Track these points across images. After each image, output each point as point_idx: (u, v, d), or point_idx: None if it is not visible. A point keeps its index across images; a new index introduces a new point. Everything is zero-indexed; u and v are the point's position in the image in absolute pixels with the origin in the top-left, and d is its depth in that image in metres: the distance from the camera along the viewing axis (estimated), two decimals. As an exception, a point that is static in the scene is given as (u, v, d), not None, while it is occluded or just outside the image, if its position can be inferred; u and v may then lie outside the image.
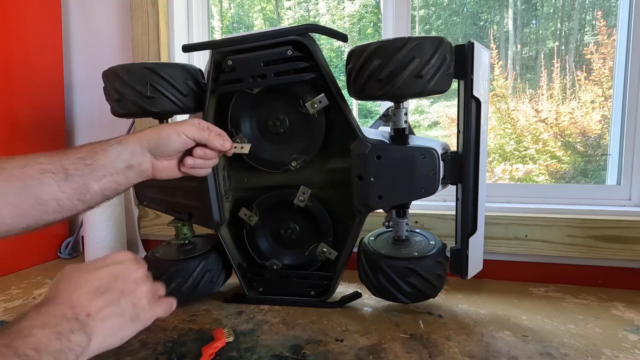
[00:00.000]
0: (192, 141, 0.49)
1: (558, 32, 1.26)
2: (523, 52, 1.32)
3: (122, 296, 0.39)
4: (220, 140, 0.51)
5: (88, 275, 0.38)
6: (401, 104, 0.60)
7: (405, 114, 0.61)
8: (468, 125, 0.58)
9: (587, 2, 1.25)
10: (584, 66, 1.12)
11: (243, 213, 0.69)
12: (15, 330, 0.32)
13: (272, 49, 0.59)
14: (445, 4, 1.48)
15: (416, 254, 0.62)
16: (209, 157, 0.51)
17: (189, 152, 0.50)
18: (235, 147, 0.54)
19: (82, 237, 0.98)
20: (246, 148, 0.56)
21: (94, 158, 0.47)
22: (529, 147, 1.24)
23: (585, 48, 1.14)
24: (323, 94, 0.60)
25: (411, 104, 1.26)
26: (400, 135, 0.61)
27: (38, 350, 0.31)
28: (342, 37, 0.59)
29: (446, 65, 0.53)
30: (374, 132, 0.64)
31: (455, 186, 0.63)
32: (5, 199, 0.44)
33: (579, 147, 1.14)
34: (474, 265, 0.63)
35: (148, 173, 0.49)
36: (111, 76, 0.62)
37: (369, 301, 0.69)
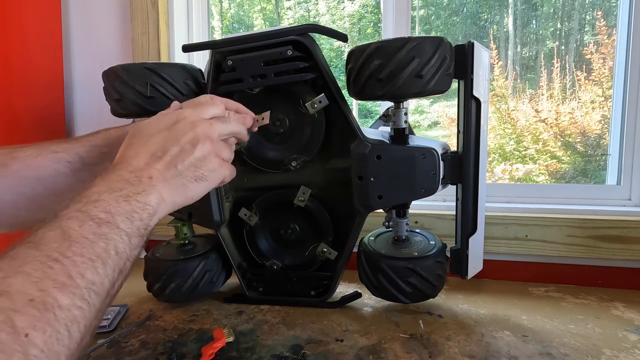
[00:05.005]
0: None
1: (558, 32, 1.26)
2: (523, 52, 1.33)
3: (178, 160, 0.38)
4: (240, 118, 0.47)
5: (146, 140, 0.38)
6: (401, 104, 0.60)
7: (405, 114, 0.61)
8: (468, 125, 0.58)
9: (587, 2, 1.25)
10: (584, 66, 1.12)
11: (243, 213, 0.69)
12: (85, 196, 0.32)
13: (272, 49, 0.59)
14: (445, 4, 1.48)
15: (416, 254, 0.62)
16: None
17: None
18: (257, 121, 0.50)
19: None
20: (266, 117, 0.52)
21: (109, 146, 0.46)
22: (529, 147, 1.24)
23: (585, 48, 1.14)
24: (323, 94, 0.60)
25: (411, 104, 1.26)
26: (400, 135, 0.61)
27: (110, 213, 0.32)
28: (342, 37, 0.59)
29: (446, 65, 0.53)
30: (374, 132, 0.64)
31: (455, 186, 0.63)
32: (19, 191, 0.44)
33: (579, 147, 1.14)
34: (474, 265, 0.63)
35: None
36: (111, 76, 0.62)
37: (369, 301, 0.69)
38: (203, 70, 0.67)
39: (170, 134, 0.39)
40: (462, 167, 0.59)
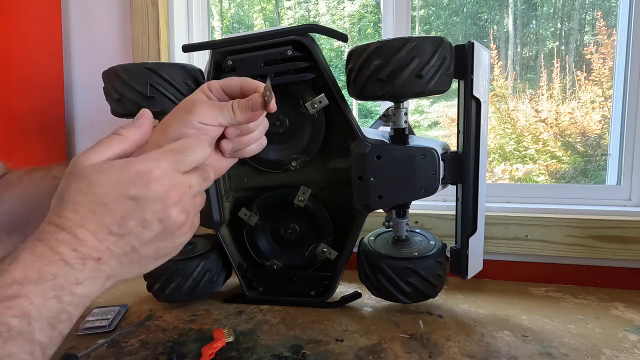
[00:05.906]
0: (220, 127, 0.37)
1: (558, 32, 1.26)
2: (523, 52, 1.33)
3: (137, 239, 0.29)
4: (249, 113, 0.38)
5: (97, 204, 0.28)
6: (401, 104, 0.60)
7: (405, 114, 0.61)
8: (468, 125, 0.58)
9: (587, 2, 1.25)
10: (584, 66, 1.13)
11: (243, 213, 0.69)
12: (2, 285, 0.24)
13: (272, 49, 0.59)
14: (445, 4, 1.48)
15: (416, 254, 0.62)
16: (247, 131, 0.40)
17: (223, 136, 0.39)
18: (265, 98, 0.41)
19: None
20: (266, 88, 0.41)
21: None
22: (529, 147, 1.24)
23: (585, 48, 1.14)
24: (323, 94, 0.60)
25: (411, 104, 1.26)
26: (400, 135, 0.61)
27: (27, 317, 0.24)
28: (342, 37, 0.59)
29: (446, 65, 0.53)
30: (374, 132, 0.64)
31: (455, 186, 0.63)
32: (22, 209, 0.42)
33: (579, 147, 1.15)
34: (474, 265, 0.63)
35: None
36: (111, 76, 0.62)
37: (369, 301, 0.69)
38: (203, 70, 0.67)
39: (134, 206, 0.28)
40: (462, 167, 0.59)
